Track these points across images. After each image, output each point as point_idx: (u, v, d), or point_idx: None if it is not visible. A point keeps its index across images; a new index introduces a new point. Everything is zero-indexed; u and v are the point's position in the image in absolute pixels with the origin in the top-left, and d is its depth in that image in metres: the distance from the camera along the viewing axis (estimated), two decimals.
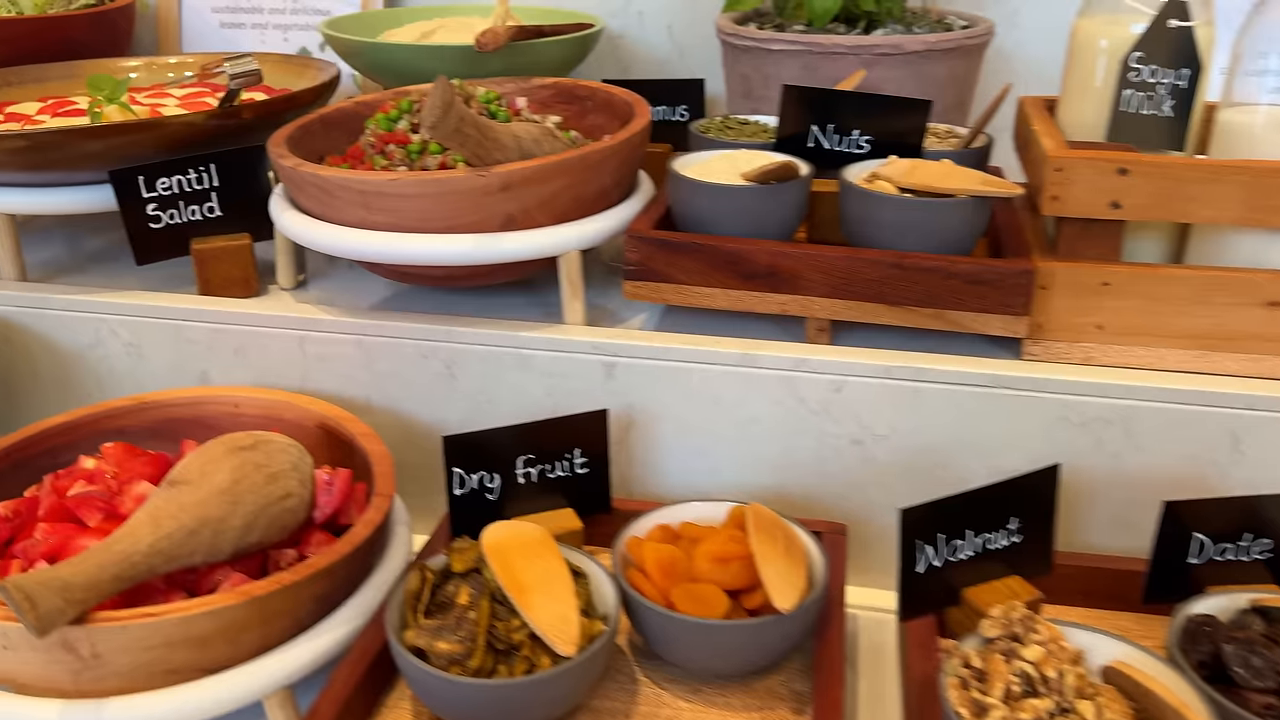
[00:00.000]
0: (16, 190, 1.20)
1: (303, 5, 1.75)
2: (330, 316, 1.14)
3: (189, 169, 1.18)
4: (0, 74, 1.48)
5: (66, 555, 0.86)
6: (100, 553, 0.79)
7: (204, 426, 1.11)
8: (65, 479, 0.99)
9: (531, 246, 1.06)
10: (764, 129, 1.31)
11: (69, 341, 1.20)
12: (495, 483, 0.99)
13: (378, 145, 1.17)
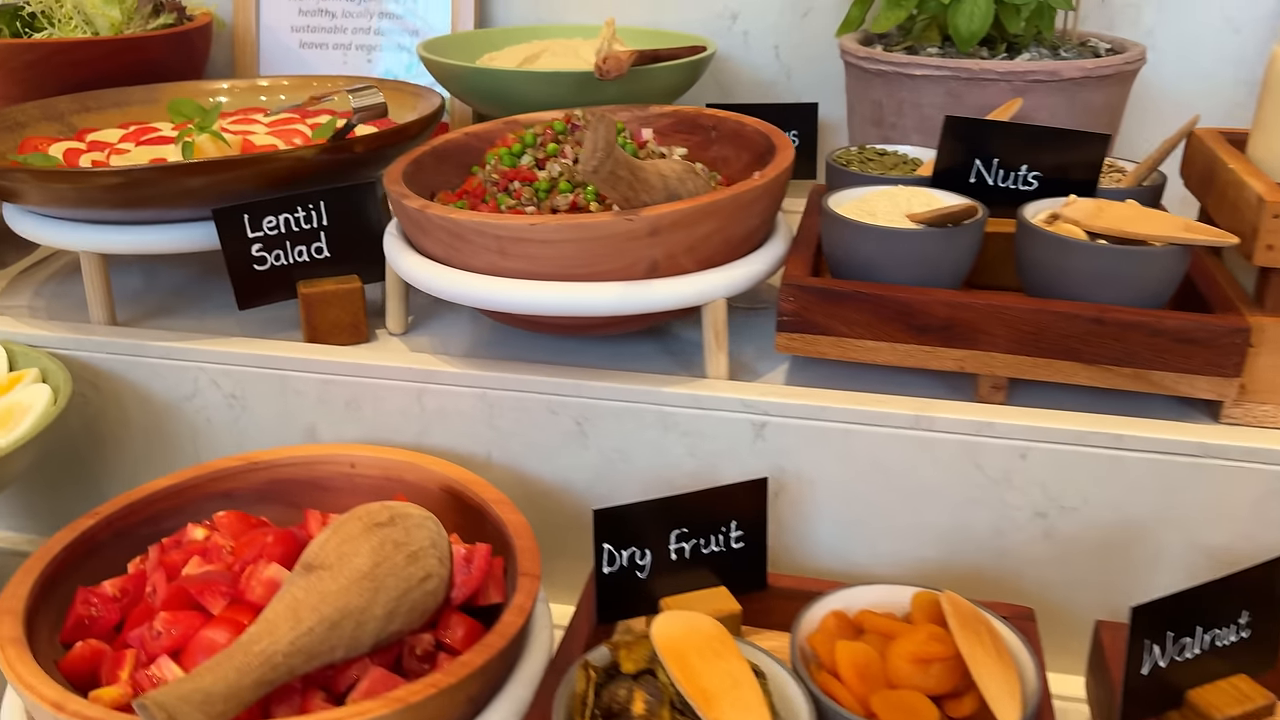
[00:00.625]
0: (107, 228, 1.12)
1: (387, 26, 1.67)
2: (452, 368, 1.05)
3: (297, 207, 1.09)
4: (79, 98, 1.41)
5: (191, 650, 0.77)
6: (239, 655, 0.70)
7: (317, 488, 1.02)
8: (174, 552, 0.90)
9: (679, 295, 0.97)
10: (903, 159, 1.21)
11: (164, 392, 1.12)
12: (646, 559, 0.89)
13: (501, 182, 1.08)
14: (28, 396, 1.03)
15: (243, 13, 1.71)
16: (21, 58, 1.41)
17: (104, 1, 1.55)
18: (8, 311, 1.22)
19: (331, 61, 1.70)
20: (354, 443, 1.08)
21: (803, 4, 1.57)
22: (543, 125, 1.13)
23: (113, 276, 1.18)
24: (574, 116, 1.13)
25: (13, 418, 1.01)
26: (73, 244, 1.12)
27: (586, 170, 0.85)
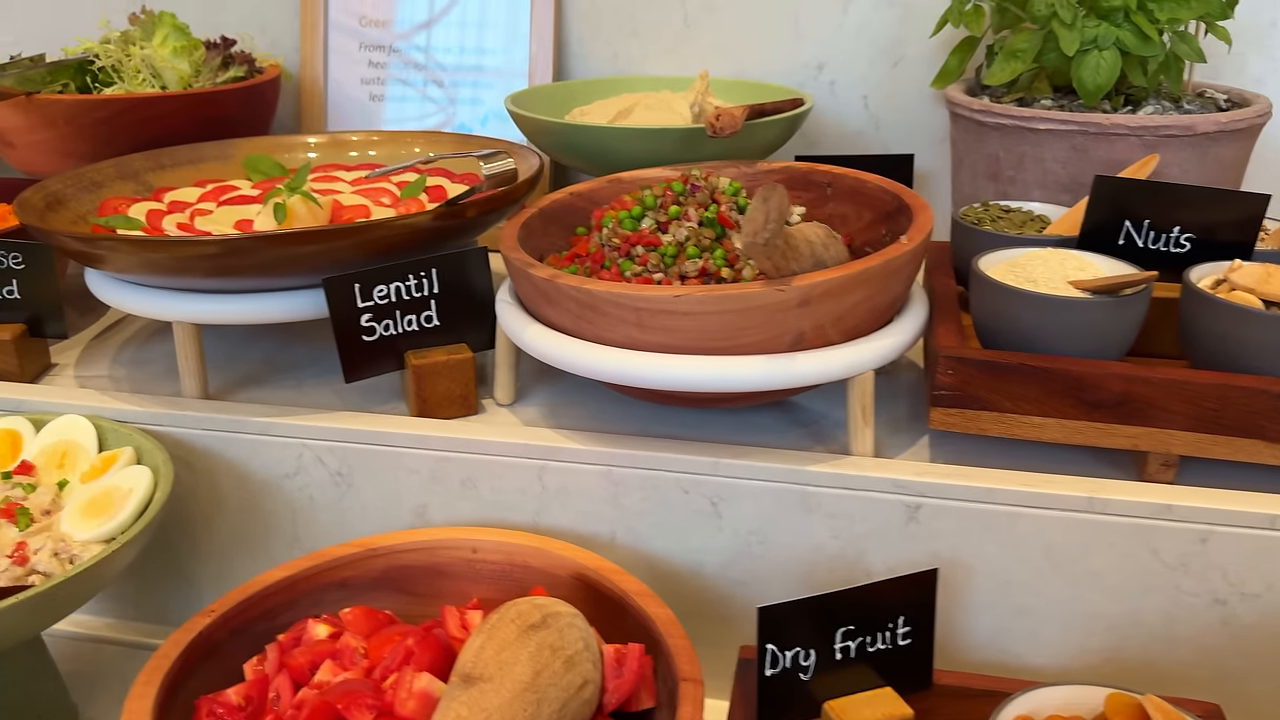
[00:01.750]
0: (203, 297, 1.06)
1: (461, 79, 1.63)
2: (576, 444, 0.98)
3: (409, 274, 1.03)
4: (153, 155, 1.35)
5: None
6: None
7: (436, 575, 0.95)
8: (297, 652, 0.83)
9: (827, 369, 0.91)
10: (1030, 216, 1.16)
11: (263, 469, 1.05)
12: (810, 660, 0.83)
13: (623, 247, 1.02)
14: (126, 480, 0.96)
15: (310, 65, 1.67)
16: (93, 114, 1.36)
17: (173, 55, 1.50)
18: (89, 383, 1.16)
19: (403, 115, 1.65)
20: (469, 524, 1.02)
21: (893, 54, 1.53)
22: (661, 186, 1.08)
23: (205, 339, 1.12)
24: (692, 177, 1.08)
25: (113, 504, 0.94)
26: (167, 314, 1.06)
27: (756, 243, 0.80)
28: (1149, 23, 1.18)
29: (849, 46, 1.54)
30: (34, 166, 1.43)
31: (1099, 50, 1.19)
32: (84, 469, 1.01)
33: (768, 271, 0.88)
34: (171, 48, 1.51)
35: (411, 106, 1.65)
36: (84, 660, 1.11)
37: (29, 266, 1.12)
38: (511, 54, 1.61)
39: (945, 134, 1.55)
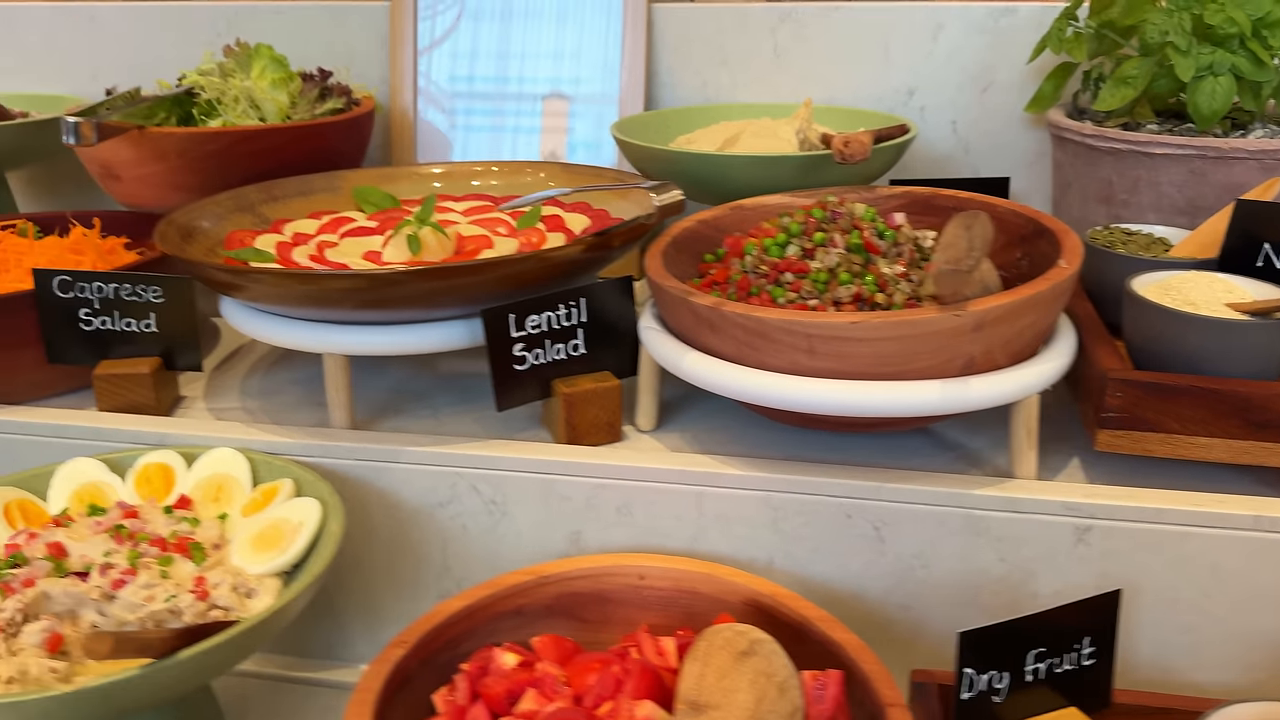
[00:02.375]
0: (352, 329, 1.07)
1: (552, 108, 1.64)
2: (736, 470, 0.99)
3: (559, 304, 1.05)
4: (265, 187, 1.36)
5: None
6: None
7: (604, 601, 0.96)
8: (490, 681, 0.84)
9: (999, 392, 0.92)
10: (1152, 239, 1.18)
11: (415, 499, 1.06)
12: (1003, 683, 0.84)
13: (771, 274, 1.04)
14: (294, 512, 0.96)
15: (400, 96, 1.68)
16: (206, 147, 1.37)
17: (271, 86, 1.51)
18: (224, 415, 1.17)
19: (493, 145, 1.66)
20: (623, 550, 1.03)
21: (982, 80, 1.55)
22: (799, 213, 1.10)
23: (317, 374, 1.12)
24: (829, 204, 1.10)
25: (283, 536, 0.95)
26: (319, 346, 1.07)
27: (960, 271, 0.81)
28: (1264, 49, 1.20)
29: (939, 73, 1.56)
30: (139, 200, 1.44)
31: (1214, 76, 1.21)
32: (242, 502, 1.01)
33: (945, 298, 0.89)
34: (270, 79, 1.52)
35: (499, 137, 1.67)
36: (230, 694, 1.11)
37: (168, 300, 1.13)
38: (602, 84, 1.63)
39: (1034, 157, 1.58)
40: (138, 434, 1.09)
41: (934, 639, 1.01)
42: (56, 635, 0.85)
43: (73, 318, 1.12)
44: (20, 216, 1.42)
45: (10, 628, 0.84)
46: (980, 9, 1.54)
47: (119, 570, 0.87)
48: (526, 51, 1.65)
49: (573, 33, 1.64)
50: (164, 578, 0.88)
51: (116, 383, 1.12)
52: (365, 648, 1.14)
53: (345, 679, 1.13)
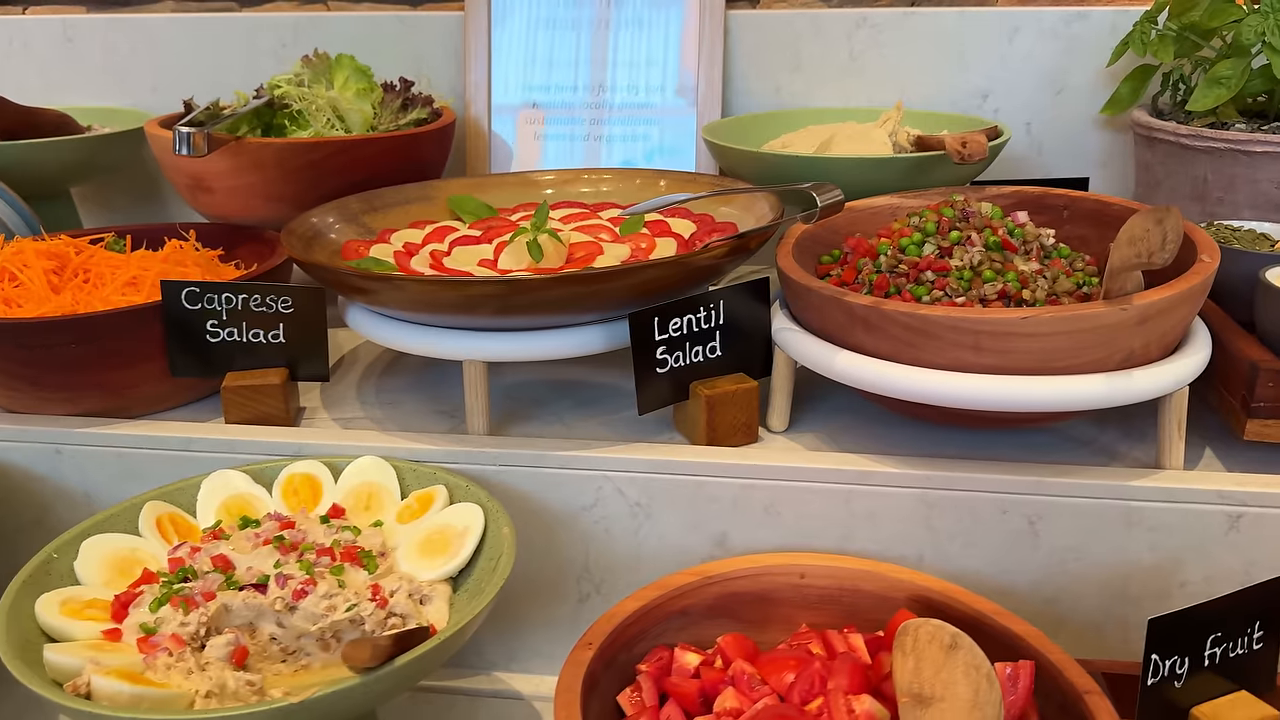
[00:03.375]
0: (493, 336, 1.07)
1: (626, 117, 1.65)
2: (889, 468, 1.00)
3: (700, 307, 1.05)
4: (365, 198, 1.36)
5: None
6: None
7: (764, 601, 0.96)
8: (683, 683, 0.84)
9: (1157, 384, 0.94)
10: (1256, 235, 1.21)
11: (560, 503, 1.06)
12: (1184, 668, 0.85)
13: (911, 273, 1.05)
14: (457, 519, 0.96)
15: (474, 105, 1.68)
16: (303, 158, 1.36)
17: (356, 96, 1.51)
18: (351, 424, 1.16)
19: (566, 153, 1.67)
20: (769, 551, 1.03)
21: (1055, 82, 1.58)
22: (926, 214, 1.11)
23: (431, 381, 1.12)
24: (958, 203, 1.11)
25: (449, 543, 0.94)
26: (460, 353, 1.07)
27: (1154, 264, 0.83)
28: None
29: (1013, 76, 1.59)
30: (230, 211, 1.43)
31: None
32: (394, 510, 1.01)
33: (1112, 293, 0.91)
34: (354, 90, 1.52)
35: (574, 145, 1.67)
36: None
37: (298, 310, 1.12)
38: (679, 91, 1.64)
39: (1106, 158, 1.61)
40: (276, 445, 1.08)
41: (1076, 630, 1.02)
42: (242, 648, 0.84)
43: (199, 330, 1.12)
44: (108, 230, 1.40)
45: (194, 641, 0.83)
46: (1053, 14, 1.57)
47: (298, 581, 0.87)
48: (601, 59, 1.66)
49: (648, 39, 1.65)
50: (341, 587, 0.88)
51: (247, 394, 1.11)
52: (496, 654, 1.14)
53: (479, 686, 1.12)
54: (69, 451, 1.12)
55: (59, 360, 1.10)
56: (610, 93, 1.66)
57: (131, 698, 0.74)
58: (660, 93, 1.65)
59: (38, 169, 1.55)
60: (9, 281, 1.26)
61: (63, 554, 0.92)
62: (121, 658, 0.80)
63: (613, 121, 1.66)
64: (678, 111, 1.64)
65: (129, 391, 1.14)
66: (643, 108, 1.65)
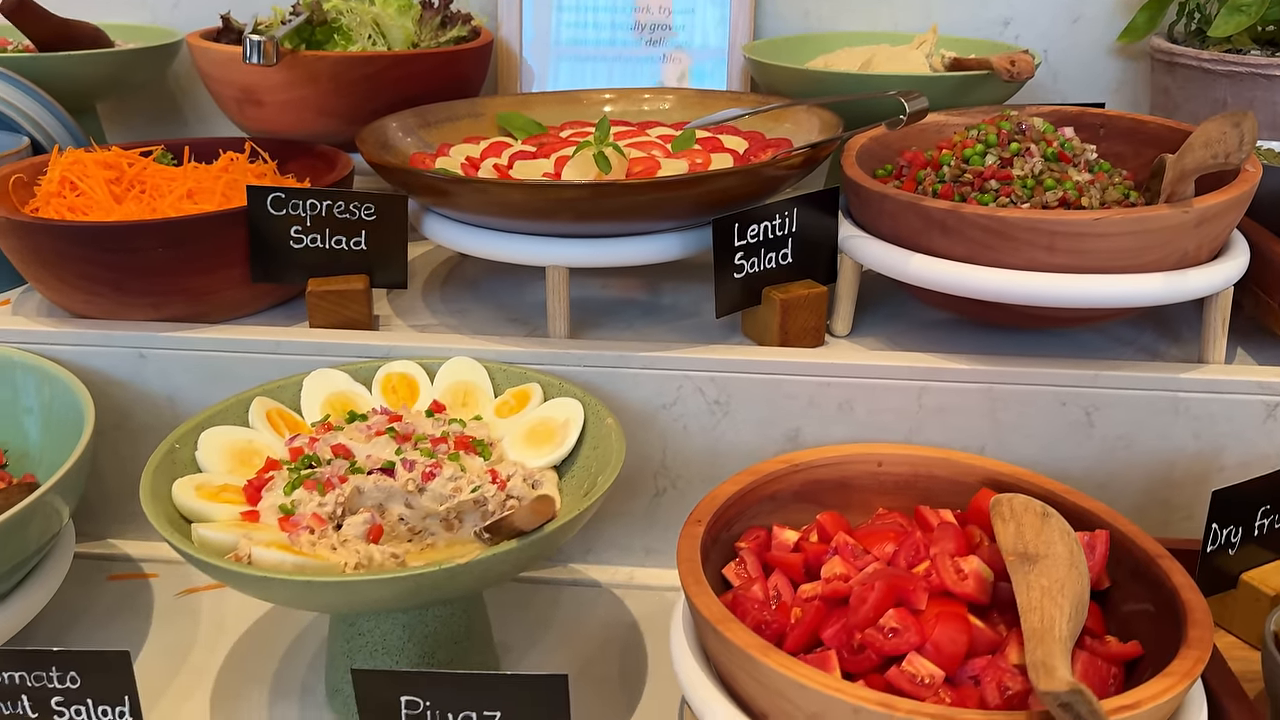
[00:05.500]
0: (574, 242, 1.11)
1: (657, 38, 1.68)
2: (960, 365, 1.07)
3: (775, 215, 1.10)
4: (419, 113, 1.37)
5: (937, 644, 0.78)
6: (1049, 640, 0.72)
7: (843, 487, 1.03)
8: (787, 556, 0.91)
9: (1208, 283, 1.02)
10: (1275, 154, 1.29)
11: (641, 401, 1.11)
12: (1237, 537, 0.94)
13: (976, 182, 1.11)
14: (557, 412, 1.01)
15: (507, 25, 1.69)
16: (358, 71, 1.37)
17: (398, 12, 1.52)
18: (428, 330, 1.19)
19: (600, 74, 1.69)
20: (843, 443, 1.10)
21: (1072, 11, 1.64)
22: (986, 127, 1.17)
23: (492, 291, 1.15)
24: (1013, 117, 1.17)
25: (554, 433, 0.99)
26: (540, 259, 1.11)
27: (1229, 165, 0.90)
28: None
29: (1032, 4, 1.65)
30: (279, 126, 1.43)
31: None
32: (490, 406, 1.05)
33: (1174, 197, 0.98)
34: (396, 6, 1.52)
35: (607, 66, 1.70)
36: None
37: (380, 217, 1.15)
38: (708, 15, 1.67)
39: (1118, 85, 1.68)
40: (364, 348, 1.12)
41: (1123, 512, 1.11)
42: (378, 526, 0.89)
43: (282, 236, 1.14)
44: (156, 143, 1.40)
45: (332, 520, 0.88)
46: None
47: (425, 465, 0.91)
48: None
49: None
50: (462, 471, 0.93)
51: (333, 299, 1.14)
52: (573, 548, 1.20)
53: (558, 576, 1.18)
54: (153, 356, 1.15)
55: (144, 264, 1.11)
56: (644, 13, 1.68)
57: (295, 565, 0.79)
58: (690, 14, 1.68)
59: (72, 82, 1.53)
60: (71, 191, 1.27)
61: (184, 444, 0.95)
62: (269, 534, 0.84)
63: (643, 43, 1.69)
64: (708, 33, 1.67)
65: (209, 297, 1.16)
66: (674, 30, 1.68)
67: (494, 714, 0.78)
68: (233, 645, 1.06)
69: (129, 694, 0.81)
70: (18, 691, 0.82)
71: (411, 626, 0.91)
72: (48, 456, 1.09)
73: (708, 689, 0.81)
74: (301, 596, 0.79)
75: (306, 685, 1.00)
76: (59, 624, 1.08)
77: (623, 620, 1.12)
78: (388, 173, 1.15)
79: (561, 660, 1.05)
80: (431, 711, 0.78)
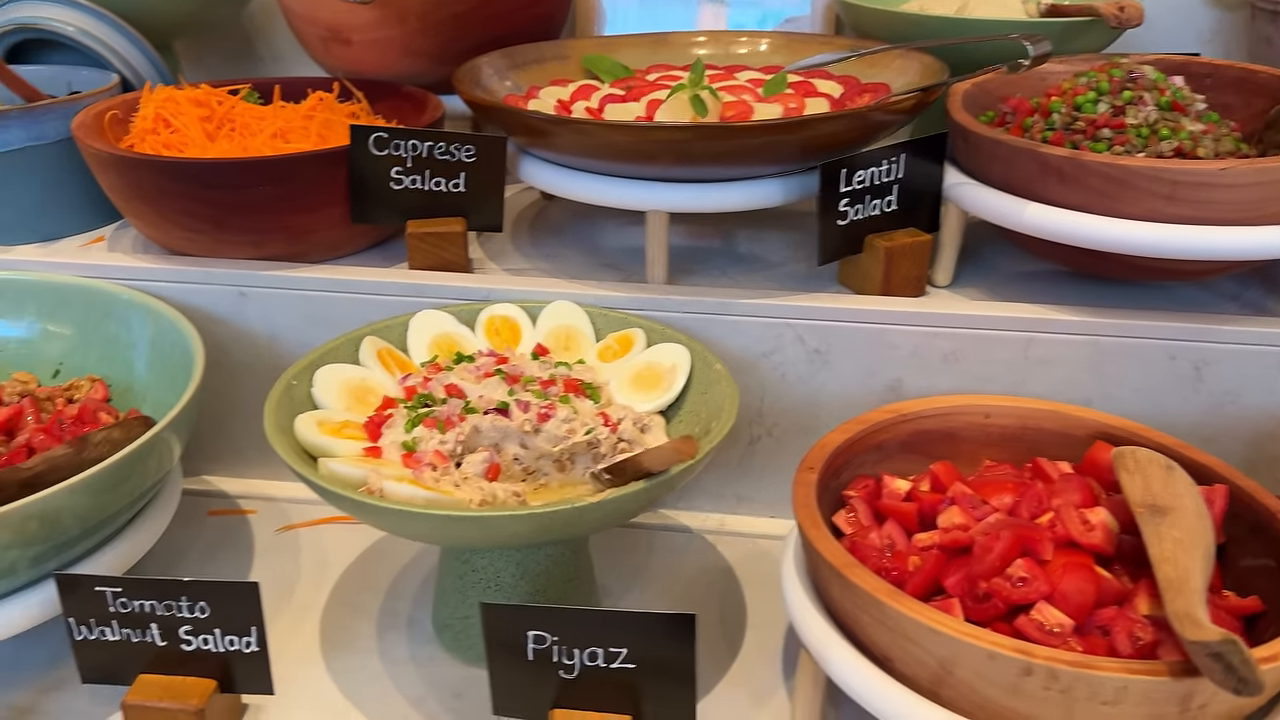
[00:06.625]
0: (676, 186, 1.10)
1: None
2: (1068, 316, 1.06)
3: (883, 160, 1.09)
4: (507, 54, 1.35)
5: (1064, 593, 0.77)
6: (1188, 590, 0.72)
7: (950, 438, 1.02)
8: (897, 505, 0.91)
9: None
10: None
11: (740, 349, 1.11)
12: None
13: (1089, 130, 1.09)
14: (664, 357, 1.01)
15: None
16: (449, 9, 1.35)
17: None
18: (521, 273, 1.19)
19: (678, 17, 1.67)
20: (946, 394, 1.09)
21: None
22: (1095, 74, 1.14)
23: (581, 236, 1.14)
24: (1124, 65, 1.15)
25: (661, 378, 0.99)
26: (643, 203, 1.10)
27: None
28: None
29: None
30: (365, 66, 1.42)
31: None
32: (593, 350, 1.05)
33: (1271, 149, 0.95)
34: None
35: (682, 11, 1.67)
36: None
37: (480, 159, 1.14)
38: None
39: (1210, 35, 1.64)
40: (463, 290, 1.12)
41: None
42: (495, 465, 0.89)
43: (383, 177, 1.13)
44: (243, 81, 1.40)
45: (453, 458, 0.88)
46: None
47: (539, 406, 0.92)
48: None
49: None
50: (575, 414, 0.93)
51: (433, 241, 1.14)
52: None
53: (650, 521, 1.19)
54: (254, 294, 1.15)
55: (246, 202, 1.11)
56: None
57: (427, 500, 0.79)
58: None
59: (155, 18, 1.52)
60: (165, 128, 1.27)
61: (300, 381, 0.96)
62: (395, 470, 0.85)
63: None
64: None
65: (308, 237, 1.16)
66: None
67: (620, 650, 0.79)
68: (336, 580, 1.08)
69: (256, 625, 0.83)
70: (147, 620, 0.84)
71: (524, 564, 0.92)
72: (152, 393, 1.10)
73: (826, 632, 0.82)
74: (437, 530, 0.80)
75: (413, 619, 1.02)
76: (164, 560, 1.10)
77: (716, 565, 1.12)
78: (490, 112, 1.15)
79: (660, 603, 1.06)
80: (558, 647, 0.80)
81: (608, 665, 0.80)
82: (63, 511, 0.83)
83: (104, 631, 0.84)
